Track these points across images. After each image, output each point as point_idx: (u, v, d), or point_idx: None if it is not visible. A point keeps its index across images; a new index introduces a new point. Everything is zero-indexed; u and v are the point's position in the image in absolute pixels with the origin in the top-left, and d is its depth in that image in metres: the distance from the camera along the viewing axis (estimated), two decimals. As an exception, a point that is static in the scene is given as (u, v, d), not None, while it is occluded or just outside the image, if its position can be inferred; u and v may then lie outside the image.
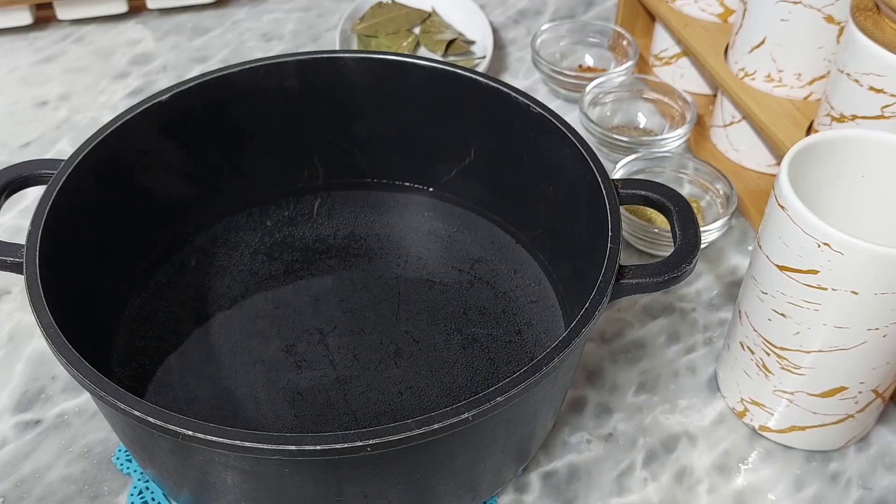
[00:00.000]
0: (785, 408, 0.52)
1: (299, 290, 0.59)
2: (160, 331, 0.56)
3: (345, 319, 0.57)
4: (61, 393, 0.56)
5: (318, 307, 0.58)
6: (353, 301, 0.58)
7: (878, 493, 0.52)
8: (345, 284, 0.59)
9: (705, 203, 0.67)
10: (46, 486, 0.52)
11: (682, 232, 0.48)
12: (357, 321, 0.57)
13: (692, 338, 0.60)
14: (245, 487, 0.43)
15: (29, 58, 0.83)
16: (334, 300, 0.58)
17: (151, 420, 0.39)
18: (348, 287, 0.59)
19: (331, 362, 0.55)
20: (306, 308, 0.58)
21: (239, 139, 0.60)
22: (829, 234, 0.44)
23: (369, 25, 0.83)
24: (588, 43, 0.82)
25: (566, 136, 0.53)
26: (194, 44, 0.86)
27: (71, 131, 0.76)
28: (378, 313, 0.58)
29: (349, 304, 0.58)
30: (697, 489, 0.52)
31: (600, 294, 0.44)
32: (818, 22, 0.62)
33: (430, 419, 0.39)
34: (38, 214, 0.48)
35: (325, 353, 0.55)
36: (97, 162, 0.52)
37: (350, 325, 0.57)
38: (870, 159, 0.49)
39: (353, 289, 0.59)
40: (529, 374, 0.41)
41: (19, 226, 0.67)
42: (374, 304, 0.58)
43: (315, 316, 0.57)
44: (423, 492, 0.45)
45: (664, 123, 0.74)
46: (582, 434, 0.55)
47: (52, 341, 0.42)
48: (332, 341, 0.56)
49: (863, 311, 0.46)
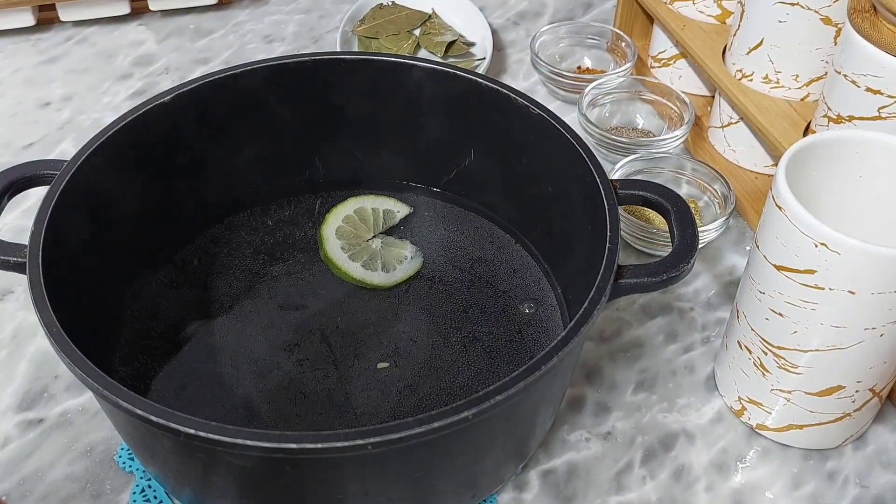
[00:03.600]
0: (782, 406, 0.53)
1: (300, 289, 0.59)
2: (162, 330, 0.56)
3: (346, 318, 0.58)
4: (64, 392, 0.56)
5: (319, 306, 0.58)
6: (354, 300, 0.59)
7: (875, 492, 0.53)
8: (346, 284, 0.60)
9: (703, 203, 0.67)
10: (49, 485, 0.52)
11: (680, 232, 0.48)
12: (358, 320, 0.57)
13: (690, 337, 0.61)
14: (246, 485, 0.43)
15: (32, 59, 0.84)
16: (335, 299, 0.59)
17: (153, 419, 0.39)
18: (349, 286, 0.60)
19: (332, 361, 0.55)
20: (307, 307, 0.58)
21: (240, 139, 0.60)
22: (827, 234, 0.44)
23: (370, 27, 0.83)
24: (587, 44, 0.82)
25: (565, 137, 0.53)
26: (196, 45, 0.86)
27: (74, 132, 0.76)
28: (378, 313, 0.58)
29: (350, 303, 0.59)
30: (695, 487, 0.53)
31: (599, 293, 0.45)
32: (815, 23, 0.62)
33: (431, 418, 0.39)
34: (41, 215, 0.48)
35: (326, 353, 0.55)
36: (100, 163, 0.52)
37: (351, 324, 0.57)
38: (867, 160, 0.49)
39: (353, 288, 0.59)
40: (529, 373, 0.41)
41: (22, 226, 0.67)
42: (374, 303, 0.59)
43: (316, 315, 0.58)
44: (424, 490, 0.45)
45: (662, 124, 0.75)
46: (581, 432, 0.55)
47: (54, 340, 0.42)
48: (334, 340, 0.56)
49: (860, 310, 0.46)
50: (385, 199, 0.62)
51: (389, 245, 0.60)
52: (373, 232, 0.60)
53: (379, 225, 0.60)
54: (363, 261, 0.58)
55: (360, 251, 0.58)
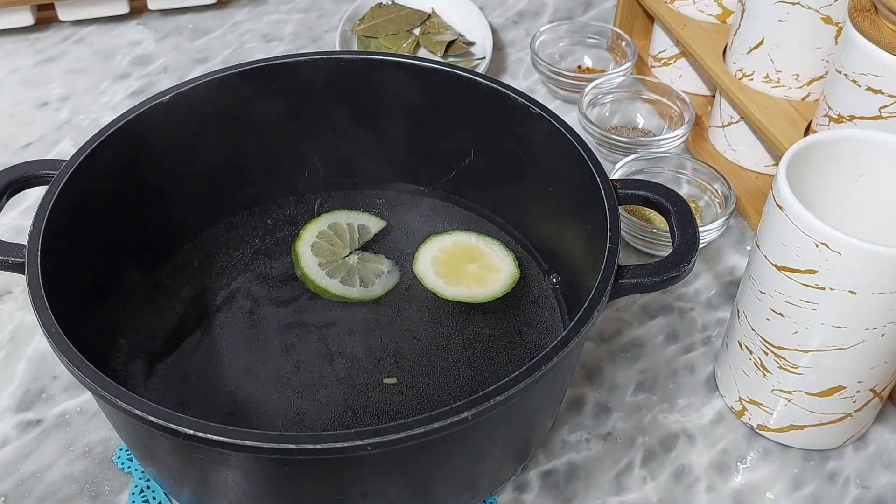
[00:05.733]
0: (783, 407, 0.52)
1: (300, 289, 0.59)
2: (161, 330, 0.56)
3: (345, 319, 0.57)
4: (62, 392, 0.56)
5: (318, 307, 0.58)
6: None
7: (876, 492, 0.53)
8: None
9: (704, 203, 0.67)
10: (48, 486, 0.52)
11: (681, 232, 0.48)
12: (357, 320, 0.57)
13: (691, 337, 0.60)
14: (245, 486, 0.43)
15: (30, 59, 0.84)
16: (335, 299, 0.59)
17: (152, 419, 0.39)
18: (348, 287, 0.60)
19: (330, 362, 0.55)
20: (307, 307, 0.58)
21: (240, 139, 0.60)
22: (827, 234, 0.44)
23: (369, 26, 0.83)
24: (587, 44, 0.82)
25: (565, 136, 0.53)
26: (195, 45, 0.86)
27: (72, 132, 0.76)
28: (378, 312, 0.58)
29: (349, 303, 0.58)
30: (696, 488, 0.53)
31: (599, 294, 0.44)
32: (816, 23, 0.62)
33: (431, 418, 0.39)
34: (40, 215, 0.48)
35: (324, 353, 0.55)
36: (98, 163, 0.52)
37: (350, 324, 0.57)
38: (868, 159, 0.49)
39: (353, 289, 0.60)
40: (529, 374, 0.41)
41: (21, 226, 0.67)
42: (374, 303, 0.58)
43: (315, 315, 0.58)
44: (423, 490, 0.45)
45: (663, 124, 0.74)
46: (581, 433, 0.55)
47: (53, 341, 0.42)
48: (332, 340, 0.56)
49: (861, 310, 0.46)
50: (359, 213, 0.62)
51: (366, 260, 0.60)
52: (349, 248, 0.60)
53: (355, 241, 0.60)
54: (341, 277, 0.58)
55: (337, 267, 0.58)
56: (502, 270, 0.59)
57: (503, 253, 0.60)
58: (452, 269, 0.59)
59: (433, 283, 0.58)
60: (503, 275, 0.59)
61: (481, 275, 0.59)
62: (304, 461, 0.40)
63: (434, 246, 0.60)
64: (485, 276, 0.59)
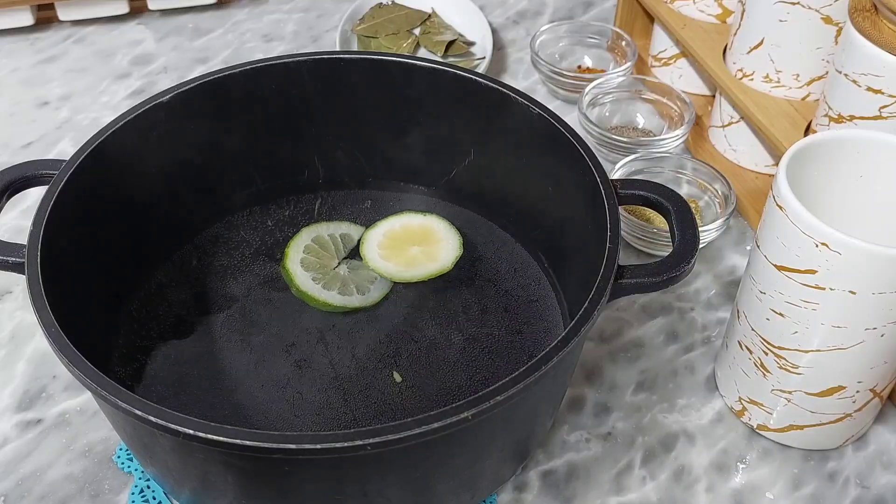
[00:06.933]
0: (783, 407, 0.52)
1: (299, 289, 0.59)
2: (161, 330, 0.56)
3: (344, 319, 0.57)
4: (62, 392, 0.56)
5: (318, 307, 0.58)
6: (353, 301, 0.59)
7: (876, 492, 0.53)
8: (345, 284, 0.60)
9: (704, 203, 0.67)
10: (47, 485, 0.52)
11: (681, 232, 0.48)
12: (356, 320, 0.57)
13: (691, 337, 0.60)
14: (245, 486, 0.43)
15: (30, 58, 0.84)
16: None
17: (152, 419, 0.39)
18: (348, 287, 0.60)
19: (330, 362, 0.55)
20: (306, 308, 0.58)
21: (239, 139, 0.60)
22: (828, 234, 0.44)
23: (369, 26, 0.83)
24: (587, 44, 0.82)
25: (565, 136, 0.53)
26: (195, 44, 0.86)
27: (72, 132, 0.76)
28: (377, 313, 0.58)
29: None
30: (696, 488, 0.53)
31: (599, 293, 0.44)
32: (816, 23, 0.62)
33: (430, 418, 0.39)
34: (40, 215, 0.48)
35: (324, 353, 0.55)
36: (98, 162, 0.52)
37: (349, 324, 0.57)
38: (868, 159, 0.49)
39: (353, 288, 0.59)
40: (529, 373, 0.41)
41: (21, 226, 0.67)
42: (374, 303, 0.58)
43: (315, 316, 0.58)
44: (423, 490, 0.45)
45: (663, 124, 0.74)
46: (581, 433, 0.55)
47: (53, 340, 0.42)
48: (332, 340, 0.56)
49: (861, 310, 0.46)
50: (338, 223, 0.62)
51: (356, 268, 0.60)
52: (337, 258, 0.60)
53: (340, 250, 0.60)
54: (338, 288, 0.58)
55: (331, 279, 0.58)
56: (442, 240, 0.60)
57: (445, 227, 0.61)
58: (397, 252, 0.60)
59: (384, 268, 0.59)
60: (451, 243, 0.60)
61: (429, 252, 0.60)
62: (303, 461, 0.40)
63: (378, 231, 0.62)
64: (431, 251, 0.60)
